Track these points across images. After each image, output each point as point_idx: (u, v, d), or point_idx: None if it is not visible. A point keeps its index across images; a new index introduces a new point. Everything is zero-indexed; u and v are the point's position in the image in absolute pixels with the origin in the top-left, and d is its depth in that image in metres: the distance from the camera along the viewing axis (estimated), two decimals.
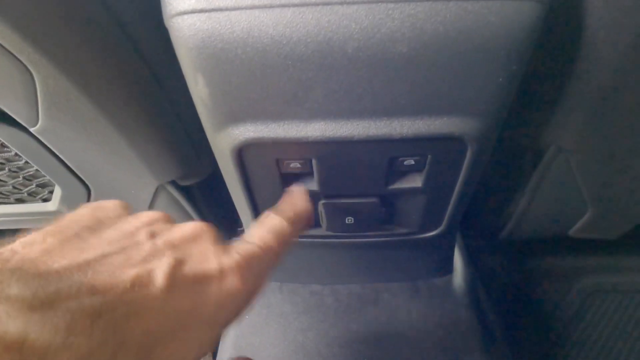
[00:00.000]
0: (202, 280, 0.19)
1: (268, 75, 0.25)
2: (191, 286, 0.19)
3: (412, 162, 0.31)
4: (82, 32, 0.27)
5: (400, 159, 0.31)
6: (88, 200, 0.43)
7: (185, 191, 0.44)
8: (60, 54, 0.27)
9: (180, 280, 0.18)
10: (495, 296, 0.61)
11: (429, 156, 0.31)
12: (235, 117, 0.28)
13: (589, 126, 0.32)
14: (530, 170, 0.38)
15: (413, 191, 0.35)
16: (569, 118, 0.32)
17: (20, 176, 0.43)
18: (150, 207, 0.44)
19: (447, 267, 0.51)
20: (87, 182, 0.41)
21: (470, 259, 0.52)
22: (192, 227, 0.22)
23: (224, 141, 0.30)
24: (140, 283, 0.17)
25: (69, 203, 0.43)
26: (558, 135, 0.34)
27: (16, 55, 0.26)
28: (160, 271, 0.18)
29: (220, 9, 0.23)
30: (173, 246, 0.20)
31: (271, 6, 0.22)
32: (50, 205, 0.44)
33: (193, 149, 0.40)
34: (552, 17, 0.24)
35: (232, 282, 0.20)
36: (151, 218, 0.22)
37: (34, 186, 0.44)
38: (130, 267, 0.18)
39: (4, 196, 0.45)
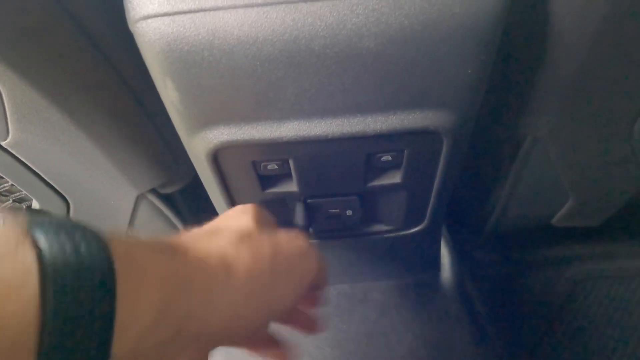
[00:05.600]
0: (289, 241, 0.24)
1: (237, 76, 0.25)
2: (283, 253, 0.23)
3: (390, 158, 0.31)
4: (46, 42, 0.26)
5: (378, 155, 0.31)
6: (67, 213, 0.42)
7: (167, 199, 0.44)
8: (25, 64, 0.26)
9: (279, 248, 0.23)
10: (485, 289, 0.61)
11: (406, 151, 0.31)
12: (207, 120, 0.28)
13: (561, 114, 0.32)
14: (510, 162, 0.38)
15: (393, 187, 0.34)
16: (542, 107, 0.32)
17: None
18: (132, 217, 0.44)
19: (434, 263, 0.51)
20: (65, 195, 0.41)
21: (458, 254, 0.52)
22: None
23: (198, 145, 0.29)
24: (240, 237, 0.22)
25: None
26: (533, 125, 0.34)
27: None
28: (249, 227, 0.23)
29: (184, 12, 0.22)
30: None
31: (235, 7, 0.22)
32: None
33: (171, 155, 0.40)
34: (517, 5, 0.24)
35: (312, 252, 0.25)
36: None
37: (10, 201, 0.43)
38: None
39: None
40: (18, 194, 0.43)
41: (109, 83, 0.31)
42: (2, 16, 0.25)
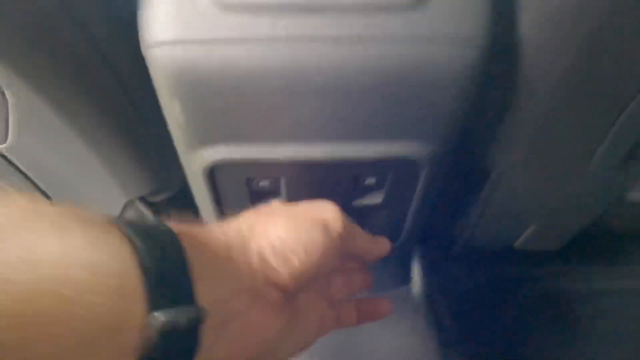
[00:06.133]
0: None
1: (242, 102, 0.27)
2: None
3: (374, 181, 0.34)
4: (54, 49, 0.28)
5: (363, 177, 0.34)
6: None
7: (153, 207, 0.45)
8: (35, 74, 0.28)
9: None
10: (453, 302, 0.65)
11: (388, 176, 0.34)
12: (209, 139, 0.29)
13: (527, 151, 0.36)
14: (479, 190, 0.41)
15: (374, 207, 0.37)
16: (509, 144, 0.36)
17: None
18: None
19: (406, 277, 0.54)
20: (47, 192, 0.41)
21: (429, 269, 0.56)
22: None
23: (196, 161, 0.31)
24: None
25: None
26: (500, 159, 0.38)
27: None
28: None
29: (198, 41, 0.25)
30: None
31: (245, 40, 0.25)
32: None
33: (164, 165, 0.41)
34: (492, 55, 0.27)
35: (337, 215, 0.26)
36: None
37: None
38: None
39: None
40: None
41: (111, 91, 0.32)
42: (17, 30, 0.26)
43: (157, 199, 0.44)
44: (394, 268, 0.52)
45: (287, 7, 0.24)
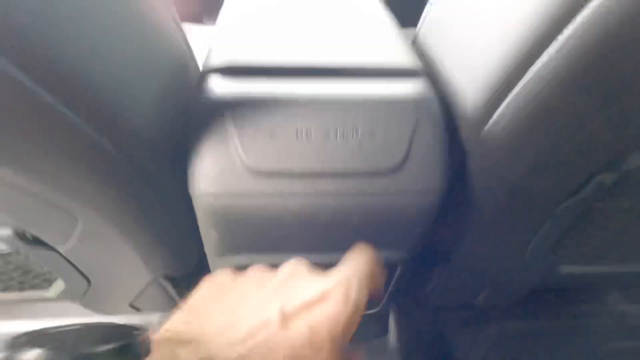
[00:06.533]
0: (308, 306, 0.22)
1: (264, 230, 0.36)
2: (301, 315, 0.22)
3: None
4: (122, 193, 0.36)
5: None
6: (88, 291, 0.50)
7: (173, 281, 0.53)
8: (102, 205, 0.35)
9: (290, 316, 0.22)
10: (422, 345, 0.75)
11: None
12: (235, 250, 0.38)
13: (477, 241, 0.46)
14: (444, 263, 0.52)
15: None
16: (464, 235, 0.46)
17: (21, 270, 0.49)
18: (140, 294, 0.52)
19: (384, 329, 0.64)
20: (88, 276, 0.49)
21: (402, 319, 0.65)
22: (288, 267, 0.27)
23: (223, 264, 0.40)
24: (259, 329, 0.22)
25: (70, 294, 0.50)
26: (457, 245, 0.48)
27: (67, 209, 0.35)
28: (271, 316, 0.22)
29: (234, 194, 0.33)
30: (278, 292, 0.24)
31: (269, 194, 0.34)
32: (51, 293, 0.51)
33: (184, 249, 0.49)
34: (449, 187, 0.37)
35: (337, 300, 0.23)
36: (255, 272, 0.28)
37: (31, 278, 0.50)
38: (248, 321, 0.23)
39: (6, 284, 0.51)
40: (40, 271, 0.50)
41: (155, 208, 0.40)
42: (88, 176, 0.34)
43: (177, 274, 0.52)
44: (374, 324, 0.62)
45: (299, 175, 0.33)
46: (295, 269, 0.27)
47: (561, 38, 0.25)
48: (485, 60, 0.32)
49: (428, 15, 0.44)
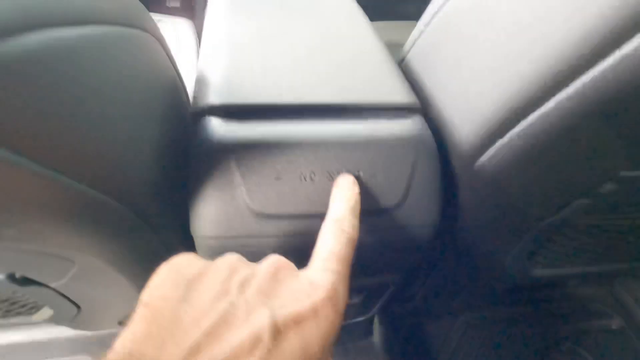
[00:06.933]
0: (300, 321, 0.21)
1: None
2: (293, 333, 0.20)
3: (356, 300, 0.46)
4: (121, 236, 0.35)
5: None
6: (77, 315, 0.49)
7: None
8: (103, 251, 0.35)
9: (283, 332, 0.20)
10: (402, 336, 0.79)
11: (364, 292, 0.45)
12: None
13: (462, 249, 0.49)
14: (426, 275, 0.55)
15: (352, 305, 0.49)
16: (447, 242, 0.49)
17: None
18: (131, 313, 0.52)
19: (369, 330, 0.67)
20: (78, 303, 0.48)
21: (387, 320, 0.69)
22: (270, 264, 0.24)
23: None
24: (250, 347, 0.19)
25: (58, 319, 0.49)
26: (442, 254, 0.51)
27: (66, 256, 0.34)
28: (263, 332, 0.19)
29: (235, 237, 0.34)
30: (265, 295, 0.22)
31: (274, 235, 0.34)
32: (37, 318, 0.49)
33: None
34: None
35: (327, 314, 0.22)
36: (231, 264, 0.24)
37: (17, 307, 0.49)
38: (235, 333, 0.19)
39: None
40: (25, 301, 0.48)
41: (154, 248, 0.40)
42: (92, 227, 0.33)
43: None
44: (361, 326, 0.64)
45: (297, 216, 0.34)
46: (278, 265, 0.24)
47: (574, 86, 0.25)
48: (484, 97, 0.32)
49: (419, 39, 0.44)
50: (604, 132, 0.28)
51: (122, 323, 0.56)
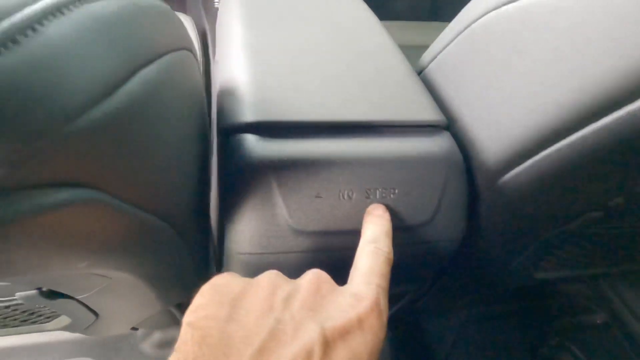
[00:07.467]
0: (347, 333, 0.21)
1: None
2: (342, 344, 0.20)
3: None
4: (163, 255, 0.35)
5: None
6: (93, 323, 0.49)
7: (179, 305, 0.53)
8: (143, 270, 0.35)
9: (332, 345, 0.20)
10: (399, 334, 0.82)
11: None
12: None
13: (470, 257, 0.51)
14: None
15: None
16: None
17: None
18: (146, 319, 0.52)
19: None
20: (97, 311, 0.47)
21: (394, 323, 0.71)
22: (312, 278, 0.25)
23: None
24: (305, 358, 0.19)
25: (74, 327, 0.49)
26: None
27: (102, 272, 0.34)
28: (314, 346, 0.19)
29: (274, 253, 0.34)
30: (310, 309, 0.22)
31: (313, 251, 0.35)
32: (52, 326, 0.49)
33: (200, 279, 0.49)
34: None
35: (372, 325, 0.22)
36: (272, 281, 0.24)
37: (34, 317, 0.48)
38: (287, 349, 0.19)
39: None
40: (43, 311, 0.48)
41: (183, 262, 0.40)
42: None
43: (187, 300, 0.52)
44: None
45: (336, 233, 0.34)
46: (319, 279, 0.25)
47: (612, 117, 0.26)
48: (514, 119, 0.33)
49: (441, 54, 0.45)
50: (632, 161, 0.30)
51: (134, 327, 0.56)
